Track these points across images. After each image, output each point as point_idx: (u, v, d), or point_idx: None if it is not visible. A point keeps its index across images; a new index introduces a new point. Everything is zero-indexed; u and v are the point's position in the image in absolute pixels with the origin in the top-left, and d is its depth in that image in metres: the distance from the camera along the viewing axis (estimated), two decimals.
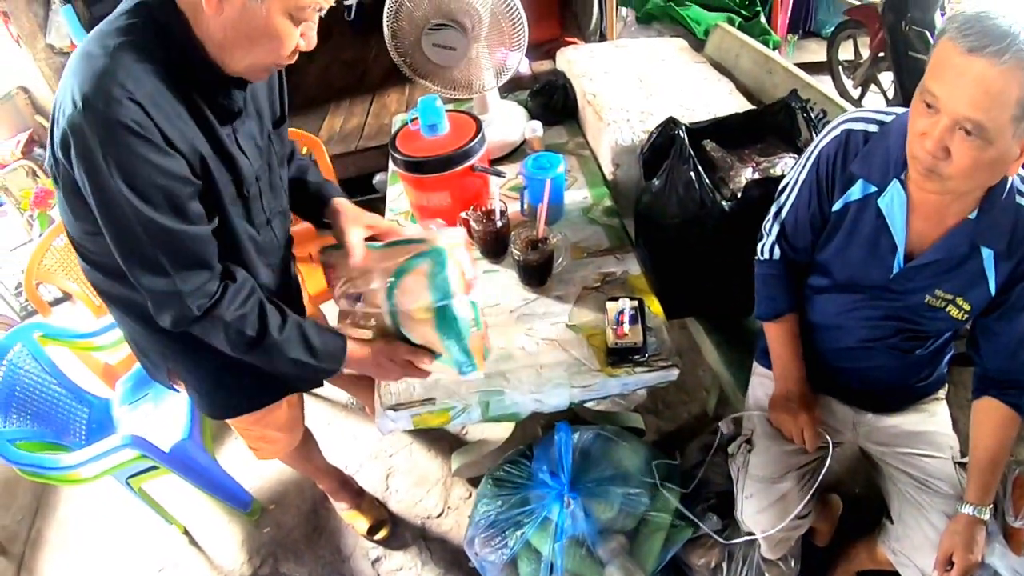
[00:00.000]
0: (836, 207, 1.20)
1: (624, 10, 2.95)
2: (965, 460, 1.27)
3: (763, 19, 2.86)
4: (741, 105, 1.80)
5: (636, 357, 1.32)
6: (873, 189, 1.14)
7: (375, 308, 1.19)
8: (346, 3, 3.55)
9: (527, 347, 1.38)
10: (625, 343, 1.31)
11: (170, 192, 0.93)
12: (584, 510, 1.42)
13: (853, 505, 1.77)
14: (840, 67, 3.30)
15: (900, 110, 1.11)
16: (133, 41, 0.90)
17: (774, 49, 2.73)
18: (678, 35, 2.55)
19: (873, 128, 1.14)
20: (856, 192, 1.17)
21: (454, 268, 1.13)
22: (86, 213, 0.97)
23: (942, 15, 2.69)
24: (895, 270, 1.16)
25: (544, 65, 2.59)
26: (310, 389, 1.54)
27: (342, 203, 1.31)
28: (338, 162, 2.50)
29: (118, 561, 2.05)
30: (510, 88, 2.24)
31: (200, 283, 1.00)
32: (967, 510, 1.19)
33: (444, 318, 1.13)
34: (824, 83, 3.49)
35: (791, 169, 1.28)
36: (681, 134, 1.45)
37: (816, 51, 3.68)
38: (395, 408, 1.32)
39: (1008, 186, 1.04)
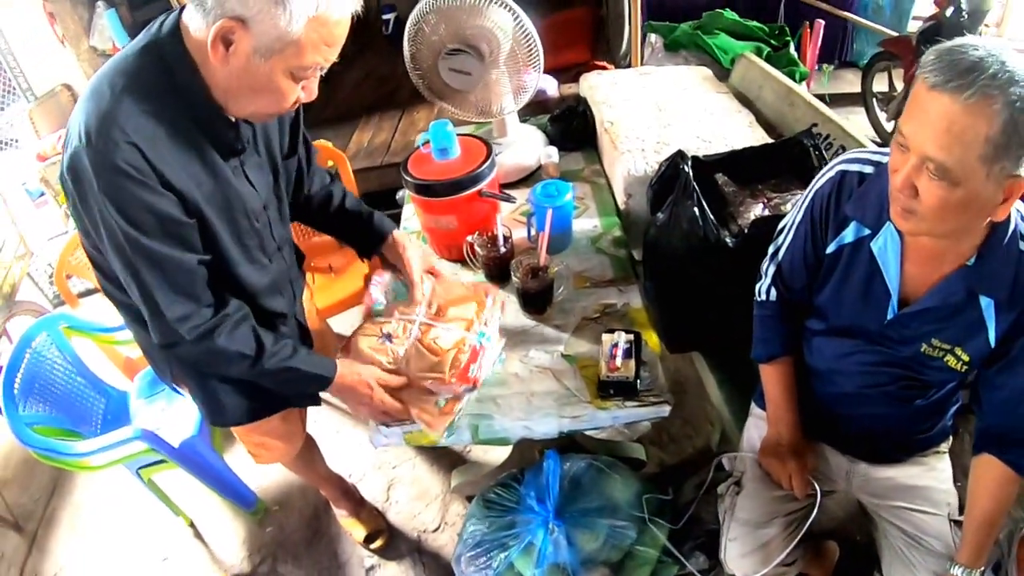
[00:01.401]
0: (830, 249, 1.17)
1: (653, 36, 2.95)
2: (962, 518, 1.22)
3: (792, 49, 2.83)
4: (759, 138, 1.79)
5: (626, 391, 1.31)
6: (867, 232, 1.11)
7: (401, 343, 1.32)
8: (384, 17, 3.65)
9: (520, 373, 1.39)
10: (617, 377, 1.31)
11: (161, 223, 0.99)
12: (568, 538, 1.43)
13: (852, 553, 1.73)
14: (874, 99, 3.23)
15: None
16: (139, 85, 0.97)
17: (801, 80, 2.69)
18: (704, 63, 2.55)
19: (869, 169, 1.11)
20: (849, 235, 1.14)
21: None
22: (87, 229, 1.04)
23: None
24: (889, 316, 1.13)
25: (572, 88, 2.60)
26: (306, 406, 1.57)
27: (402, 236, 1.44)
28: (363, 176, 2.56)
29: (126, 547, 2.13)
30: (534, 111, 2.27)
31: (186, 312, 1.06)
32: (957, 571, 1.16)
33: None
34: (857, 115, 3.45)
35: (791, 210, 1.27)
36: (686, 168, 1.45)
37: (852, 82, 3.62)
38: (387, 424, 1.35)
39: (1010, 232, 0.99)
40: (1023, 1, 3.44)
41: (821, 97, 3.22)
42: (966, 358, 1.10)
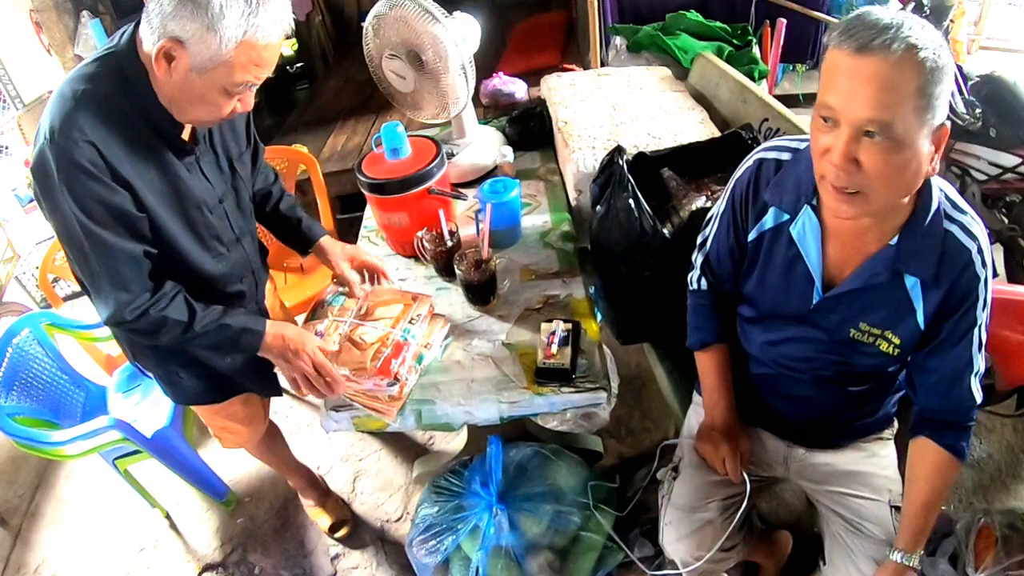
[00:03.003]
0: (751, 237, 1.19)
1: (617, 39, 3.00)
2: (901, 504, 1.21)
3: (755, 48, 2.87)
4: (710, 134, 1.83)
5: (561, 378, 1.35)
6: (785, 217, 1.13)
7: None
8: (363, 24, 3.70)
9: (463, 361, 1.44)
10: (552, 363, 1.35)
11: (112, 215, 1.08)
12: (511, 522, 1.48)
13: (806, 545, 1.74)
14: None
15: None
16: (97, 89, 1.07)
17: (760, 79, 2.73)
18: (667, 64, 2.59)
19: (786, 156, 1.14)
20: (769, 221, 1.16)
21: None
22: (49, 218, 1.13)
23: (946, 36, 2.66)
24: (814, 300, 1.13)
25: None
26: (265, 395, 1.64)
27: (328, 242, 1.54)
28: (334, 179, 2.63)
29: (105, 538, 2.19)
30: (503, 113, 2.33)
31: (129, 297, 1.14)
32: (896, 556, 1.13)
33: None
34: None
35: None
36: (620, 162, 1.50)
37: None
38: (336, 409, 1.40)
39: (933, 210, 1.00)
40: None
41: (795, 97, 3.27)
42: (897, 341, 1.09)
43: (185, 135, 1.19)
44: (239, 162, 1.34)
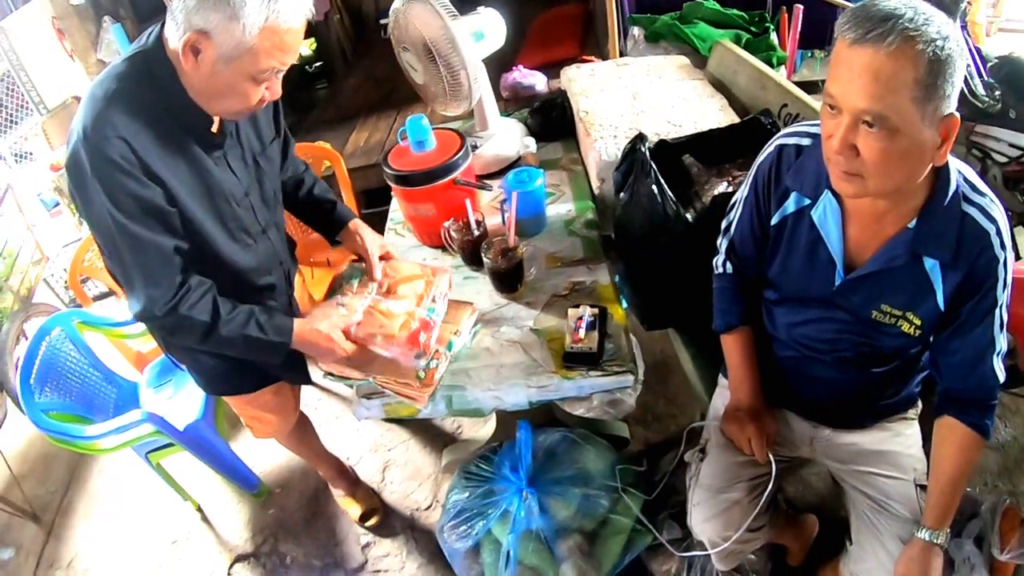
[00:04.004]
0: (774, 221, 1.21)
1: (635, 29, 3.01)
2: (927, 483, 1.22)
3: (773, 36, 2.87)
4: (730, 121, 1.84)
5: (589, 361, 1.37)
6: (807, 202, 1.15)
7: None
8: (381, 22, 3.75)
9: (491, 347, 1.46)
10: (580, 348, 1.37)
11: (144, 209, 1.11)
12: (541, 505, 1.50)
13: (832, 527, 1.75)
14: None
15: None
16: (127, 88, 1.10)
17: (778, 65, 2.73)
18: (685, 53, 2.59)
19: (806, 141, 1.15)
20: (791, 205, 1.18)
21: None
22: (84, 215, 1.16)
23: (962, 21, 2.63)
24: (836, 282, 1.15)
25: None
26: (295, 384, 1.67)
27: (358, 224, 1.56)
28: (359, 174, 2.67)
29: (137, 531, 2.24)
30: (524, 105, 2.35)
31: (160, 291, 1.17)
32: (923, 535, 1.15)
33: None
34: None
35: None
36: (643, 149, 1.51)
37: None
38: (368, 396, 1.43)
39: (951, 193, 1.01)
40: None
41: (813, 83, 3.25)
42: (918, 322, 1.11)
43: (214, 129, 1.22)
44: (262, 156, 1.36)
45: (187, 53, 1.06)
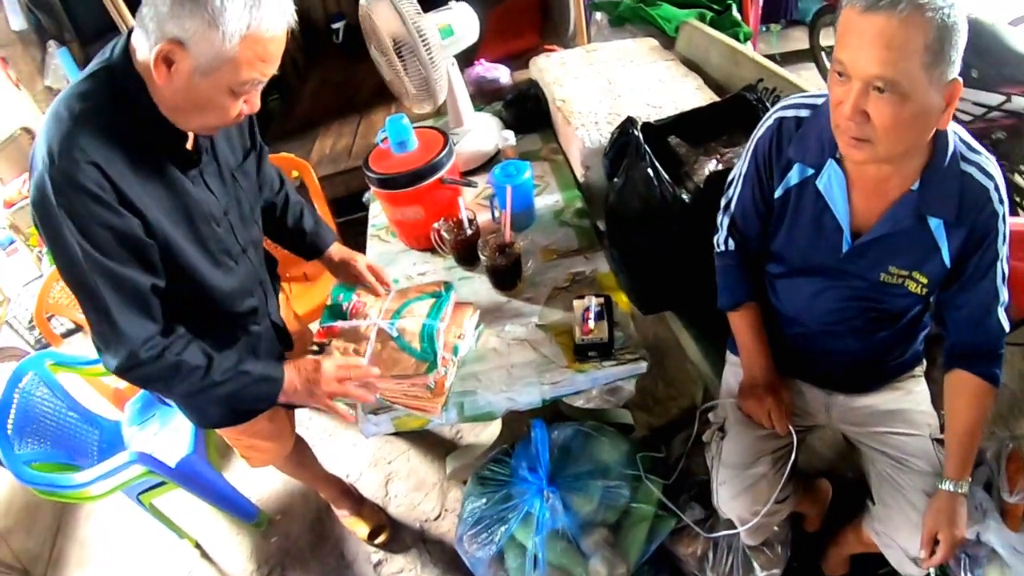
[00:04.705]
0: (777, 194, 1.22)
1: (598, 14, 3.01)
2: (943, 437, 1.25)
3: (735, 12, 2.89)
4: (708, 99, 1.84)
5: (602, 352, 1.35)
6: (810, 172, 1.16)
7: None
8: (333, 26, 3.66)
9: (498, 348, 1.42)
10: (591, 339, 1.35)
11: (120, 242, 1.02)
12: (564, 503, 1.47)
13: (844, 490, 1.78)
14: (823, 52, 3.30)
15: None
16: (95, 106, 1.00)
17: (745, 41, 2.76)
18: (650, 35, 2.58)
19: (805, 113, 1.16)
20: (794, 177, 1.18)
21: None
22: (52, 251, 1.06)
23: None
24: (844, 249, 1.17)
25: (525, 74, 2.63)
26: (289, 406, 1.59)
27: (341, 251, 1.53)
28: (328, 182, 2.59)
29: None
30: (489, 100, 2.31)
31: (147, 333, 1.07)
32: (947, 486, 1.18)
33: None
34: (808, 71, 3.52)
35: (738, 162, 1.31)
36: (636, 132, 1.49)
37: (800, 39, 3.69)
38: (375, 412, 1.38)
39: (950, 154, 1.04)
40: None
41: (772, 57, 3.29)
42: (924, 280, 1.14)
43: (188, 145, 1.13)
44: (239, 171, 1.29)
45: (159, 65, 0.96)
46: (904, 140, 0.98)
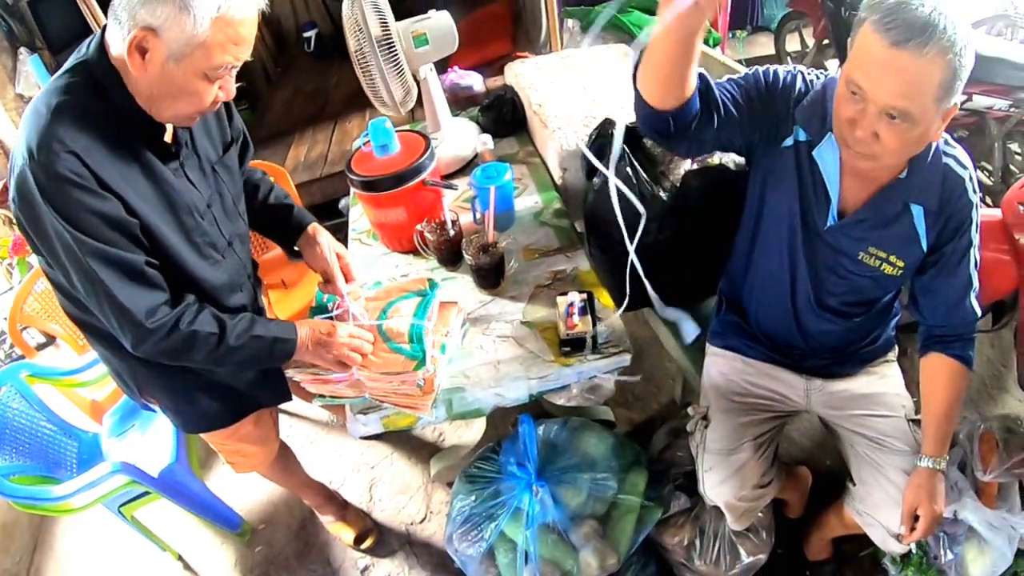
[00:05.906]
0: (787, 144, 1.23)
1: (569, 21, 3.06)
2: (918, 417, 1.33)
3: None
4: None
5: (588, 346, 1.38)
6: (807, 138, 1.20)
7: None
8: (305, 35, 3.66)
9: (484, 346, 1.44)
10: (576, 333, 1.37)
11: (107, 224, 1.03)
12: (553, 497, 1.49)
13: (824, 477, 1.84)
14: (788, 58, 3.40)
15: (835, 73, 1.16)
16: (72, 100, 1.02)
17: (714, 46, 2.83)
18: (623, 41, 2.64)
19: (817, 84, 1.19)
20: (801, 134, 1.22)
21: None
22: (40, 249, 1.07)
23: None
24: (829, 223, 1.23)
25: (498, 81, 2.67)
26: (276, 404, 1.59)
27: (317, 230, 1.50)
28: (304, 189, 2.60)
29: None
30: (464, 106, 2.34)
31: (151, 305, 1.09)
32: (926, 463, 1.24)
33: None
34: None
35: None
36: (613, 134, 1.52)
37: (766, 44, 3.80)
38: (364, 412, 1.39)
39: (934, 148, 1.12)
40: None
41: (739, 62, 3.38)
42: (901, 264, 1.21)
43: (167, 138, 1.14)
44: (219, 164, 1.29)
45: (133, 54, 0.97)
46: (906, 155, 1.09)
